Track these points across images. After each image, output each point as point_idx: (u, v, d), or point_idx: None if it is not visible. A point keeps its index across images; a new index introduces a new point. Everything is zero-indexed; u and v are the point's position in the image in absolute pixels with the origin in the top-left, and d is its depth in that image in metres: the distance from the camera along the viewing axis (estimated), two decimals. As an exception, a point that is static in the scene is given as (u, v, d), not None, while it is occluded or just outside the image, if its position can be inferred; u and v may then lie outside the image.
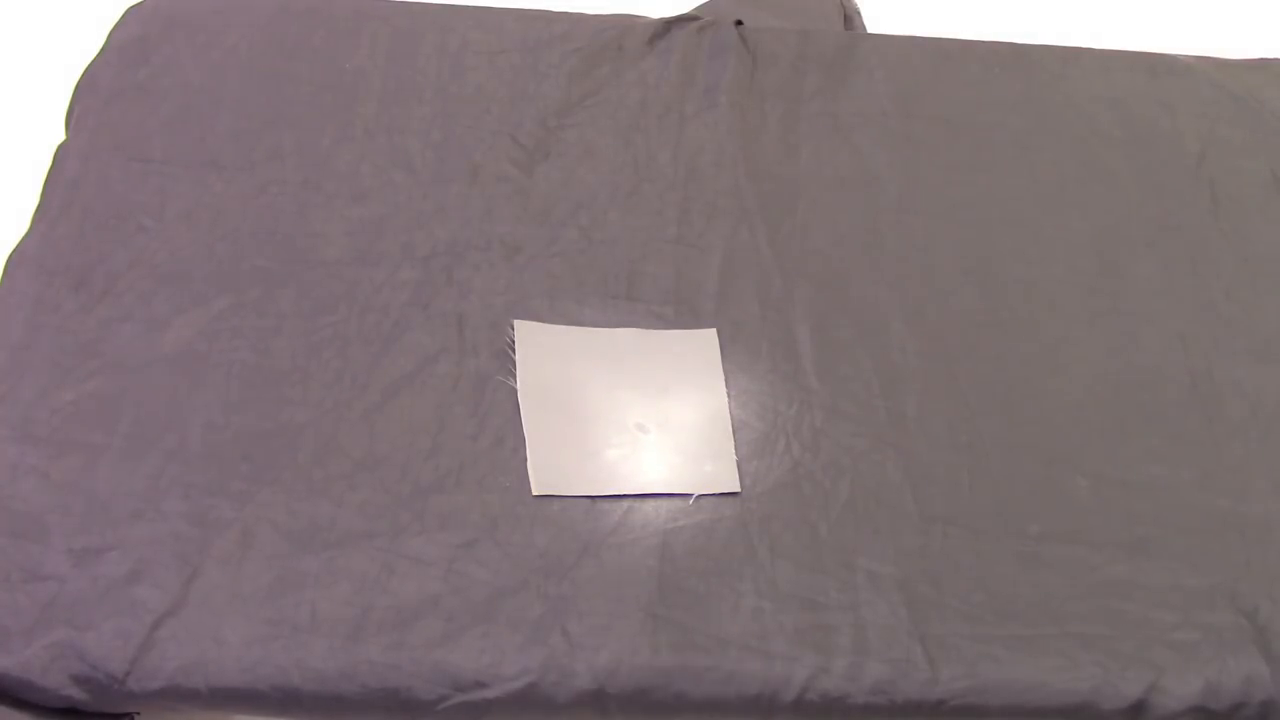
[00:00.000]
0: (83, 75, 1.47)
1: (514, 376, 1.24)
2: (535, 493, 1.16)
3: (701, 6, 1.74)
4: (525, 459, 1.18)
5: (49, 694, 1.03)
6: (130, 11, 1.55)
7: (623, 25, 1.60)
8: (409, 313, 1.28)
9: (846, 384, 1.28)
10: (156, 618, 1.05)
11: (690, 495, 1.18)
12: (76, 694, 1.03)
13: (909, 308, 1.35)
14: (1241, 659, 1.12)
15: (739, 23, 1.62)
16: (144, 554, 1.09)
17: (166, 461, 1.15)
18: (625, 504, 1.17)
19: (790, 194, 1.45)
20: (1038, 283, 1.40)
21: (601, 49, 1.56)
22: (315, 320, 1.27)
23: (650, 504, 1.17)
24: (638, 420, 1.23)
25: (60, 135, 1.44)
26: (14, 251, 1.30)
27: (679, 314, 1.32)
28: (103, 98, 1.44)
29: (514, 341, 1.27)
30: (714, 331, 1.31)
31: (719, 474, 1.20)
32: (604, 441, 1.21)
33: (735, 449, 1.22)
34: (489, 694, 1.05)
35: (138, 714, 1.09)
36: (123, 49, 1.49)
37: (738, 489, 1.19)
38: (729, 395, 1.26)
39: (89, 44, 1.52)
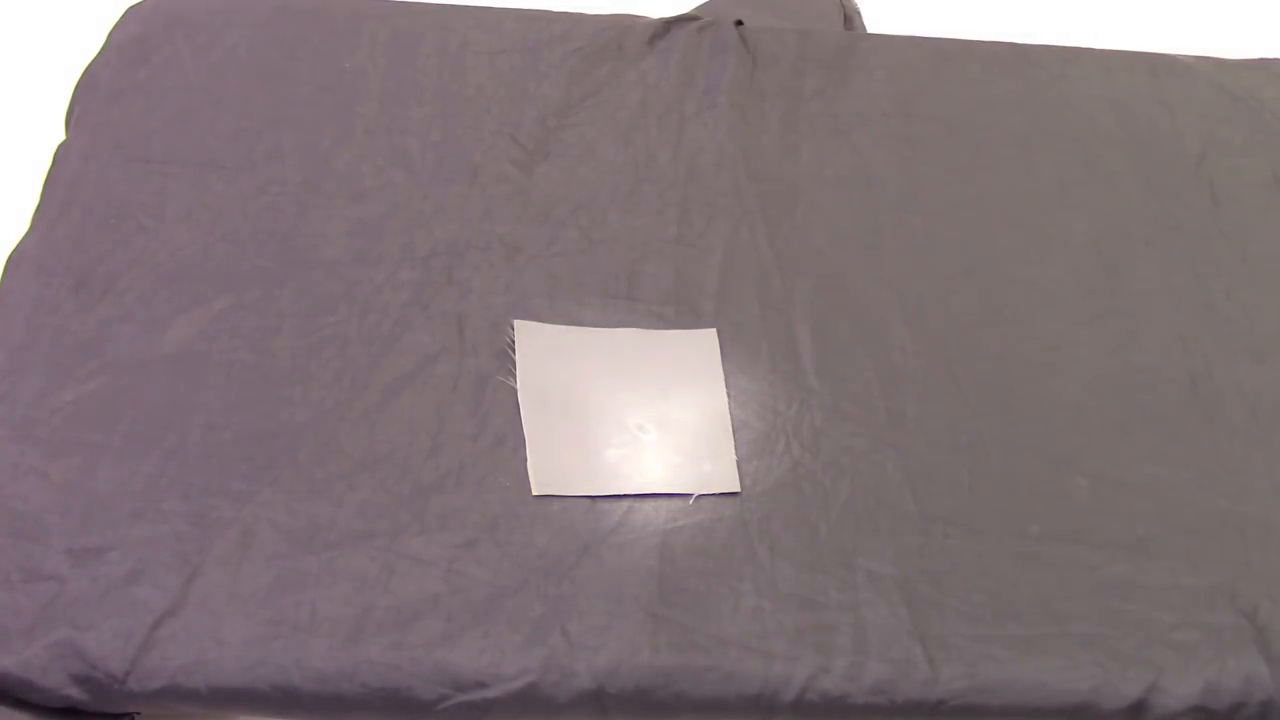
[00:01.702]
0: (83, 75, 1.47)
1: (514, 376, 1.24)
2: (535, 493, 1.16)
3: (701, 6, 1.74)
4: (525, 459, 1.18)
5: (49, 694, 1.03)
6: (130, 11, 1.55)
7: (623, 25, 1.60)
8: (409, 313, 1.28)
9: (846, 384, 1.28)
10: (156, 618, 1.05)
11: (690, 495, 1.18)
12: (76, 694, 1.03)
13: (909, 308, 1.35)
14: (1241, 659, 1.12)
15: (739, 23, 1.62)
16: (144, 554, 1.08)
17: (166, 461, 1.15)
18: (625, 504, 1.17)
19: (790, 194, 1.45)
20: (1038, 283, 1.40)
21: (601, 49, 1.56)
22: (315, 320, 1.27)
23: (650, 504, 1.17)
24: (638, 420, 1.23)
25: (60, 135, 1.44)
26: (14, 251, 1.30)
27: (679, 314, 1.32)
28: (103, 98, 1.43)
29: (514, 341, 1.27)
30: (714, 331, 1.31)
31: (719, 474, 1.20)
32: (604, 441, 1.21)
33: (735, 449, 1.22)
34: (489, 694, 1.05)
35: (138, 714, 1.08)
36: (123, 49, 1.49)
37: (738, 489, 1.19)
38: (729, 395, 1.26)
39: (89, 44, 1.51)
